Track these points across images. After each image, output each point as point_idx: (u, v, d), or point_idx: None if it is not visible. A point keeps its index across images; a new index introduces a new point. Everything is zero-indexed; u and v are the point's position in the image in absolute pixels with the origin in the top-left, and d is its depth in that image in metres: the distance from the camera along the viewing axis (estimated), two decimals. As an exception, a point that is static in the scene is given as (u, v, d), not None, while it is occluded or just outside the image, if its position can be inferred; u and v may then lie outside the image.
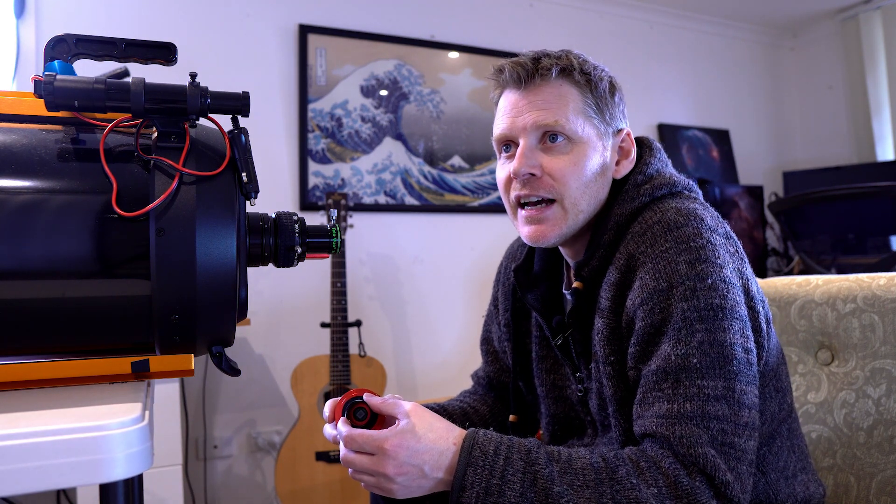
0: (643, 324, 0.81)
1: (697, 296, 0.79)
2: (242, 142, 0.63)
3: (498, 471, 0.74)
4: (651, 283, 0.81)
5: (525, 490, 0.73)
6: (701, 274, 0.79)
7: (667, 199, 0.88)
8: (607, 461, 0.75)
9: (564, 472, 0.74)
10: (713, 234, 0.83)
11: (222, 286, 0.60)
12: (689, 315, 0.78)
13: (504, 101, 0.94)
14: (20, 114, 0.64)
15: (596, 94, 0.91)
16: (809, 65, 3.88)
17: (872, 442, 1.06)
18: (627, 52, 3.37)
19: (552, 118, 0.88)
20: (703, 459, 0.73)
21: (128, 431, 0.49)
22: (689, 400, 0.76)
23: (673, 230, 0.82)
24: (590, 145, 0.90)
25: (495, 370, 1.16)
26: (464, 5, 2.96)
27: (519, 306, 1.06)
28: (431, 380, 2.80)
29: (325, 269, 2.37)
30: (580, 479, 0.73)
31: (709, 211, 0.87)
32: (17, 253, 0.56)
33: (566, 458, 0.76)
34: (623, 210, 0.88)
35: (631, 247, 0.85)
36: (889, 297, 1.07)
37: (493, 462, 0.74)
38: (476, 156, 2.93)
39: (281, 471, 2.17)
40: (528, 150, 0.89)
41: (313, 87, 2.61)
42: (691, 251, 0.80)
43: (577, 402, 0.98)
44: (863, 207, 3.00)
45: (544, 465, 0.74)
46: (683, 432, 0.75)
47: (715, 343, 0.78)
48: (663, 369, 0.78)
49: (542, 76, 0.89)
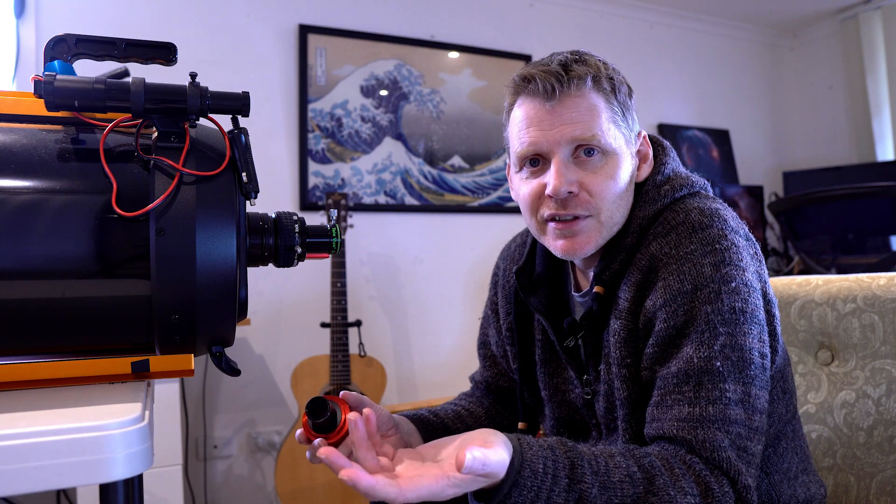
0: (664, 325, 0.80)
1: (721, 298, 0.78)
2: (242, 142, 0.63)
3: (545, 492, 0.68)
4: (675, 284, 0.80)
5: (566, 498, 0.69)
6: (726, 277, 0.79)
7: (687, 200, 0.87)
8: (643, 469, 0.73)
9: (604, 487, 0.71)
10: (736, 235, 0.82)
11: (222, 286, 0.60)
12: (712, 318, 0.78)
13: (526, 111, 0.87)
14: (20, 114, 0.64)
15: (619, 100, 0.87)
16: (809, 65, 3.88)
17: (872, 442, 1.06)
18: (627, 52, 3.37)
19: (589, 132, 0.83)
20: (726, 464, 0.73)
21: (128, 431, 0.49)
22: (712, 403, 0.75)
23: (698, 231, 0.81)
24: (621, 155, 0.86)
25: (493, 374, 1.13)
26: (464, 5, 2.96)
27: (521, 309, 1.04)
28: (431, 380, 2.80)
29: (325, 269, 2.37)
30: (618, 496, 0.71)
31: (729, 211, 0.87)
32: (17, 253, 0.56)
33: (604, 470, 0.72)
34: (645, 212, 0.86)
35: (654, 247, 0.83)
36: (889, 297, 1.07)
37: (542, 482, 0.68)
38: (476, 156, 2.93)
39: (281, 471, 2.17)
40: (563, 166, 0.84)
41: (313, 87, 2.61)
42: (716, 253, 0.80)
43: (581, 405, 0.96)
44: (863, 207, 3.00)
45: (590, 484, 0.70)
46: (706, 436, 0.74)
47: (736, 347, 0.77)
48: (685, 371, 0.77)
49: (577, 86, 0.84)
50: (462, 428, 1.07)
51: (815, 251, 3.05)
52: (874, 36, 3.46)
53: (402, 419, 0.99)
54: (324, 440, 0.82)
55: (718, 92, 3.68)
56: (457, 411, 1.09)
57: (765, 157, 3.84)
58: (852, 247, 3.05)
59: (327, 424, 0.81)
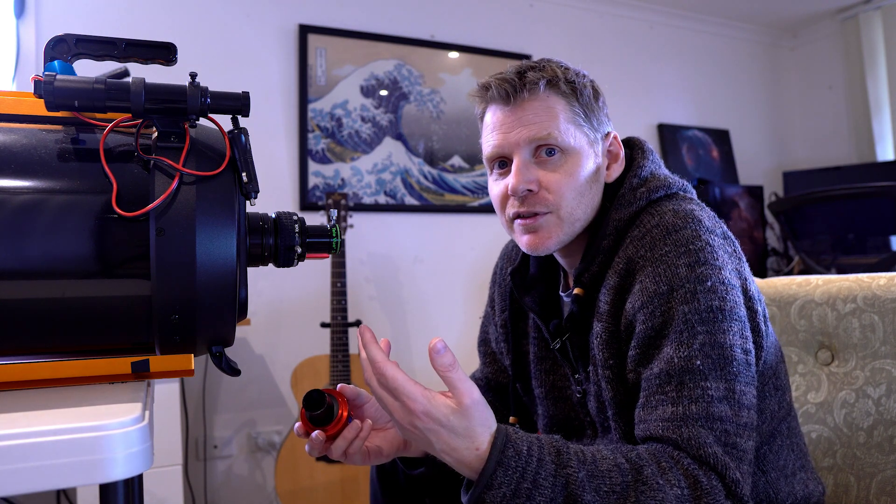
0: (643, 327, 0.81)
1: (698, 298, 0.79)
2: (242, 142, 0.63)
3: (530, 474, 0.69)
4: (651, 286, 0.81)
5: (556, 495, 0.69)
6: (700, 276, 0.80)
7: (663, 202, 0.88)
8: (630, 461, 0.73)
9: (592, 475, 0.71)
10: (711, 235, 0.83)
11: (222, 286, 0.60)
12: (690, 317, 0.78)
13: (491, 116, 0.92)
14: (20, 114, 0.64)
15: (582, 102, 0.90)
16: (809, 65, 3.88)
17: (872, 442, 1.06)
18: (627, 52, 3.37)
19: (544, 131, 0.87)
20: (713, 459, 0.73)
21: (128, 431, 0.49)
22: (694, 402, 0.76)
23: (671, 233, 0.82)
24: (582, 154, 0.89)
25: (493, 371, 1.15)
26: (464, 5, 2.96)
27: (516, 308, 1.06)
28: (431, 380, 2.79)
29: (325, 269, 2.37)
30: (607, 484, 0.71)
31: (706, 211, 0.88)
32: (17, 253, 0.56)
33: (591, 460, 0.73)
34: (621, 215, 0.88)
35: (630, 251, 0.85)
36: (889, 297, 1.07)
37: (526, 463, 0.69)
38: (476, 156, 2.93)
39: (281, 471, 2.17)
40: (523, 165, 0.88)
41: (313, 87, 2.61)
42: (690, 254, 0.81)
43: (576, 403, 0.98)
44: (863, 207, 3.00)
45: (576, 469, 0.70)
46: (690, 434, 0.74)
47: (716, 345, 0.78)
48: (666, 372, 0.78)
49: (530, 90, 0.88)
50: None
51: (815, 251, 3.05)
52: (874, 36, 3.46)
53: None
54: (322, 432, 0.83)
55: (718, 92, 3.68)
56: None
57: (765, 157, 3.84)
58: (852, 247, 3.05)
59: (325, 416, 0.81)
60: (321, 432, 0.83)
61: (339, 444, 0.84)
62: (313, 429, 0.83)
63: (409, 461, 0.98)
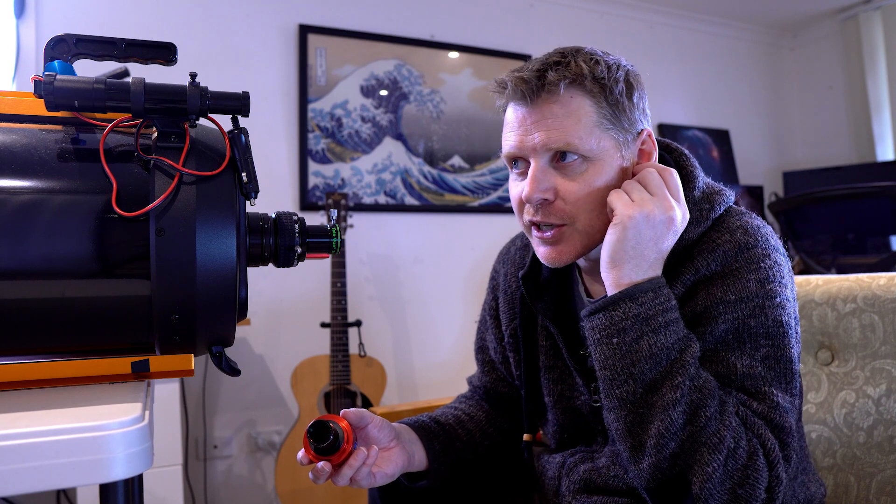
0: (704, 329, 0.81)
1: (765, 313, 0.80)
2: (242, 142, 0.63)
3: (663, 318, 0.77)
4: (719, 293, 0.81)
5: (672, 346, 0.76)
6: (770, 293, 0.81)
7: (727, 218, 0.87)
8: (720, 399, 0.77)
9: (693, 378, 0.76)
10: (778, 253, 0.85)
11: (222, 286, 0.60)
12: (756, 331, 0.80)
13: (511, 113, 0.86)
14: (20, 114, 0.64)
15: (611, 101, 0.83)
16: (809, 65, 3.88)
17: (872, 442, 1.06)
18: (627, 53, 3.34)
19: (563, 140, 0.81)
20: (769, 443, 0.76)
21: (128, 431, 0.49)
22: (759, 401, 0.79)
23: (744, 251, 0.82)
24: (606, 161, 0.83)
25: (492, 380, 1.11)
26: (464, 5, 2.96)
27: (525, 315, 1.01)
28: (431, 380, 2.80)
29: (325, 269, 2.37)
30: (698, 383, 0.76)
31: (767, 227, 0.88)
32: (17, 253, 0.56)
33: (696, 375, 0.77)
34: (690, 234, 0.85)
35: (699, 263, 0.83)
36: (889, 297, 1.07)
37: (666, 307, 0.77)
38: (476, 156, 2.93)
39: (281, 471, 2.17)
40: (539, 172, 0.82)
41: (313, 87, 2.61)
42: (761, 271, 0.81)
43: (588, 412, 0.95)
44: (863, 207, 3.00)
45: (692, 353, 0.77)
46: (754, 422, 0.77)
47: (781, 358, 0.80)
48: (725, 376, 0.80)
49: (549, 91, 0.81)
50: (464, 433, 1.06)
51: (815, 251, 3.05)
52: (874, 36, 3.46)
53: (404, 428, 0.98)
54: (328, 463, 0.82)
55: (718, 92, 3.68)
56: (457, 416, 1.08)
57: (765, 157, 3.84)
58: (852, 247, 3.05)
59: (330, 447, 0.80)
60: (327, 462, 0.82)
61: (345, 472, 0.82)
62: (318, 459, 0.82)
63: (411, 475, 0.97)
